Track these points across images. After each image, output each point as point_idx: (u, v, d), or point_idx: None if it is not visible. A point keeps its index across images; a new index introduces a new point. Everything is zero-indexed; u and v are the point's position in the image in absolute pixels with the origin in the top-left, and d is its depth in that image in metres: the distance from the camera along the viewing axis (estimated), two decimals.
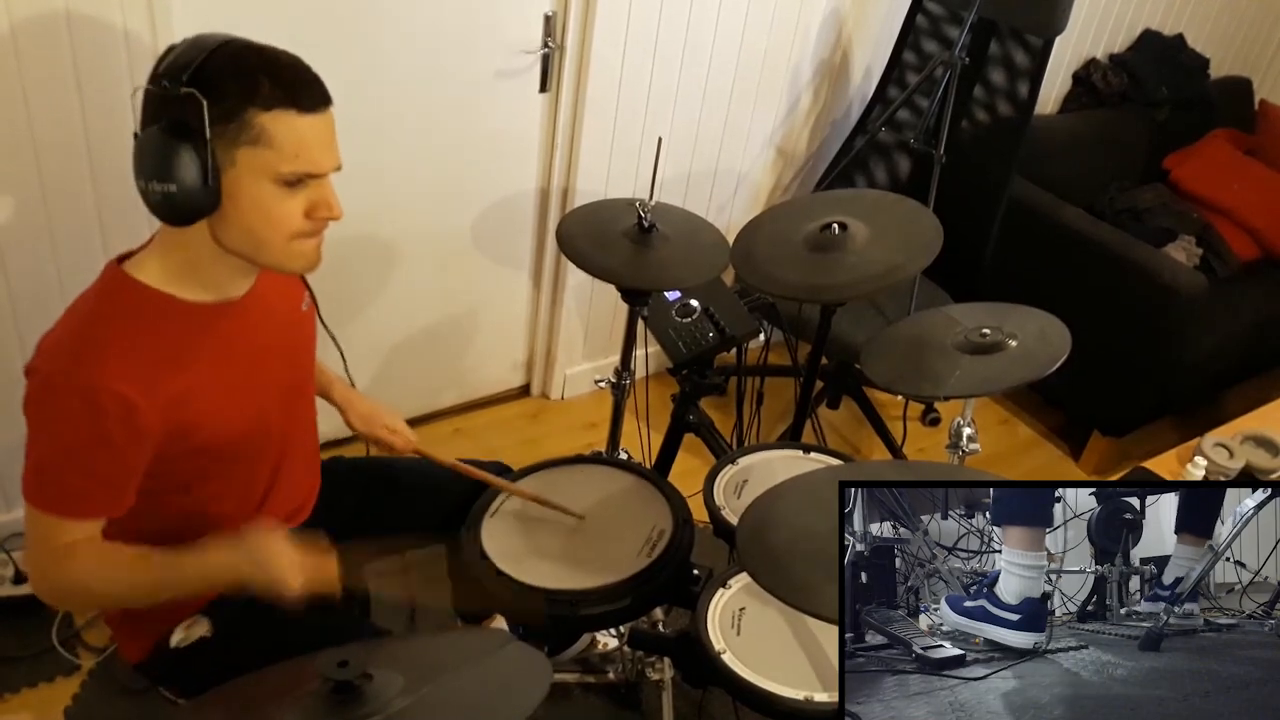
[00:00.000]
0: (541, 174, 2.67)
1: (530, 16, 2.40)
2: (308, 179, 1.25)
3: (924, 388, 1.80)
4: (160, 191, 1.18)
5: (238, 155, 1.20)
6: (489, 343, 2.92)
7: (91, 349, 1.22)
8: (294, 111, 1.21)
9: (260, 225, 1.25)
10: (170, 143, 1.17)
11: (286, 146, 1.21)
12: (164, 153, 1.17)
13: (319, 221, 1.30)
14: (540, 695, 1.02)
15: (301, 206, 1.27)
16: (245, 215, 1.24)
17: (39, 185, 1.91)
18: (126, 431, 1.23)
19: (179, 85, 1.17)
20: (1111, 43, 3.55)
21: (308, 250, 1.32)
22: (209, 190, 1.20)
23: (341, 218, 1.30)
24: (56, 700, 2.04)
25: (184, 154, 1.17)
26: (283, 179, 1.23)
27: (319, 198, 1.28)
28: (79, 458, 1.24)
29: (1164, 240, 3.26)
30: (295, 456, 1.57)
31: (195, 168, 1.18)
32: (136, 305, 1.27)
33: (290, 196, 1.25)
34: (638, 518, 1.66)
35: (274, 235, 1.27)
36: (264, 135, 1.20)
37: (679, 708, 2.07)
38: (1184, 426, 3.03)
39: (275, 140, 1.21)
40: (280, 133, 1.21)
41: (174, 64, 1.18)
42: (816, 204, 2.11)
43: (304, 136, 1.23)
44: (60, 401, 1.22)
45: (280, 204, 1.25)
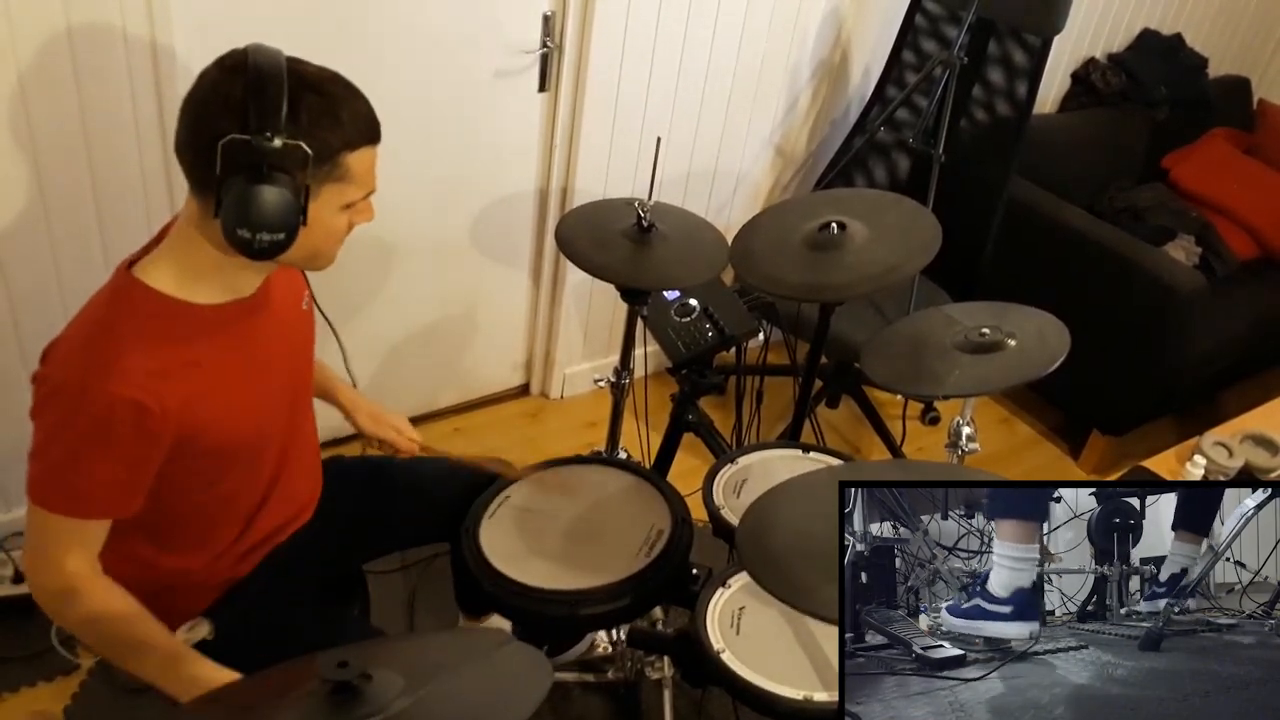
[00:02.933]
0: (541, 174, 2.67)
1: (529, 16, 2.39)
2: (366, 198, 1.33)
3: (923, 387, 1.80)
4: (269, 241, 1.21)
5: (323, 190, 1.26)
6: (488, 342, 2.92)
7: (105, 356, 1.22)
8: (370, 147, 1.29)
9: (322, 243, 1.32)
10: (277, 192, 1.19)
11: (363, 179, 1.30)
12: (272, 203, 1.19)
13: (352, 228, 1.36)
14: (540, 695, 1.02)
15: (349, 218, 1.33)
16: (313, 238, 1.28)
17: (38, 185, 1.91)
18: (139, 436, 1.24)
19: (279, 134, 1.18)
20: (1110, 42, 3.55)
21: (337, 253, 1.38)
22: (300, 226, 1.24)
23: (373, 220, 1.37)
24: (56, 700, 2.04)
25: (290, 201, 1.20)
26: (351, 203, 1.30)
27: (364, 207, 1.35)
28: (91, 461, 1.24)
29: (1163, 239, 3.26)
30: (297, 457, 1.57)
31: (297, 211, 1.22)
32: (149, 312, 1.28)
33: (346, 213, 1.32)
34: (637, 517, 1.66)
35: (329, 248, 1.34)
36: (349, 173, 1.27)
37: (679, 707, 2.07)
38: (1183, 426, 3.03)
39: (355, 175, 1.28)
40: (359, 168, 1.28)
41: (262, 108, 1.17)
42: (815, 203, 2.11)
43: (373, 166, 1.31)
44: (74, 408, 1.22)
45: (340, 221, 1.32)
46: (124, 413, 1.21)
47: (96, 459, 1.24)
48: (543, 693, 1.03)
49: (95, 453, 1.24)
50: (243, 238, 1.20)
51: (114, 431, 1.22)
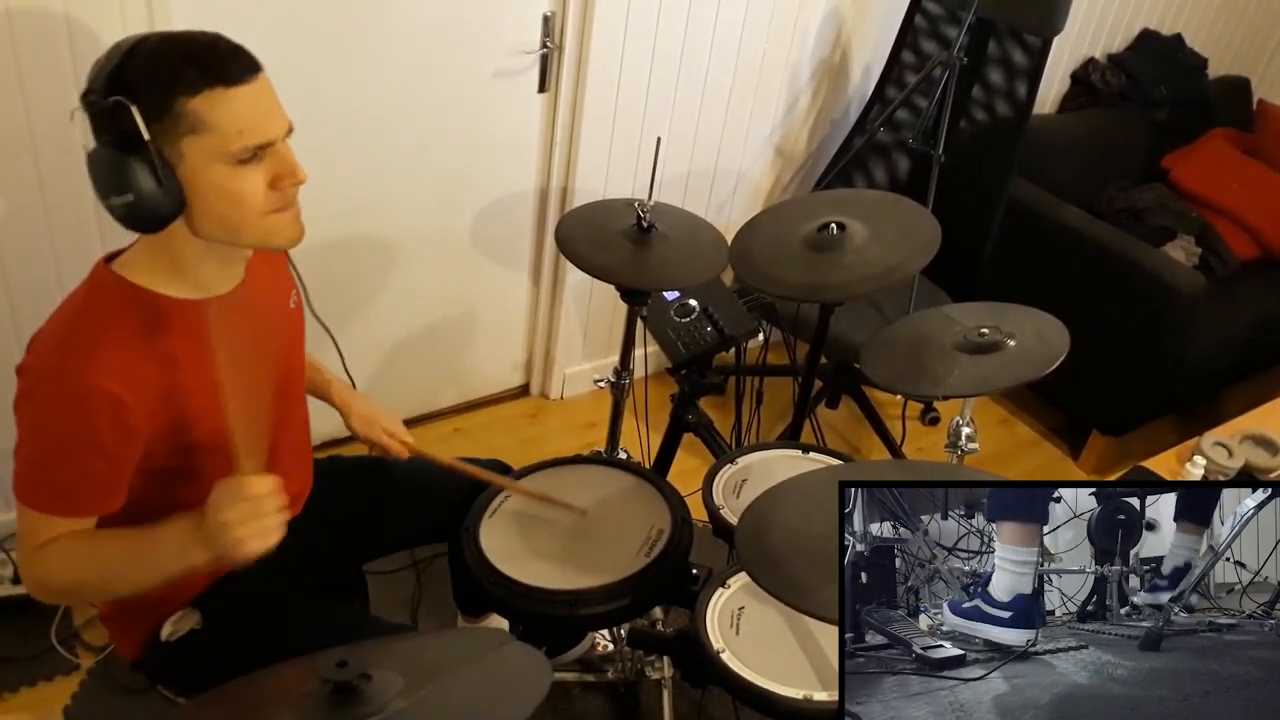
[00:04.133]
0: (540, 174, 2.67)
1: (529, 17, 2.39)
2: (260, 151, 1.22)
3: (923, 387, 1.80)
4: (121, 204, 1.17)
5: (183, 147, 1.18)
6: (488, 342, 2.92)
7: (81, 347, 1.22)
8: (221, 88, 1.18)
9: (229, 209, 1.23)
10: (114, 155, 1.16)
11: (227, 125, 1.18)
12: (112, 165, 1.17)
13: (286, 191, 1.26)
14: (540, 695, 1.02)
15: (264, 179, 1.24)
16: (212, 204, 1.22)
17: (37, 184, 1.91)
18: (116, 429, 1.23)
19: (104, 95, 1.16)
20: (1110, 42, 3.55)
21: (286, 223, 1.29)
22: (168, 190, 1.19)
23: (306, 180, 1.27)
24: (55, 699, 2.04)
25: (131, 162, 1.16)
26: (235, 158, 1.20)
27: (280, 167, 1.25)
28: (69, 456, 1.24)
29: (1163, 240, 3.26)
30: (284, 454, 1.56)
31: (146, 173, 1.17)
32: (125, 304, 1.27)
33: (250, 172, 1.22)
34: (637, 517, 1.66)
35: (246, 215, 1.24)
36: (200, 121, 1.17)
37: (678, 707, 2.07)
38: (1183, 426, 3.03)
39: (212, 122, 1.18)
40: (215, 114, 1.18)
41: (96, 75, 1.18)
42: (815, 204, 2.11)
43: (240, 111, 1.19)
44: (50, 399, 1.22)
45: (242, 182, 1.22)
46: (100, 404, 1.21)
47: (76, 454, 1.23)
48: (542, 692, 1.03)
49: (75, 447, 1.23)
50: (106, 206, 1.19)
51: (91, 423, 1.21)
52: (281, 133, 1.25)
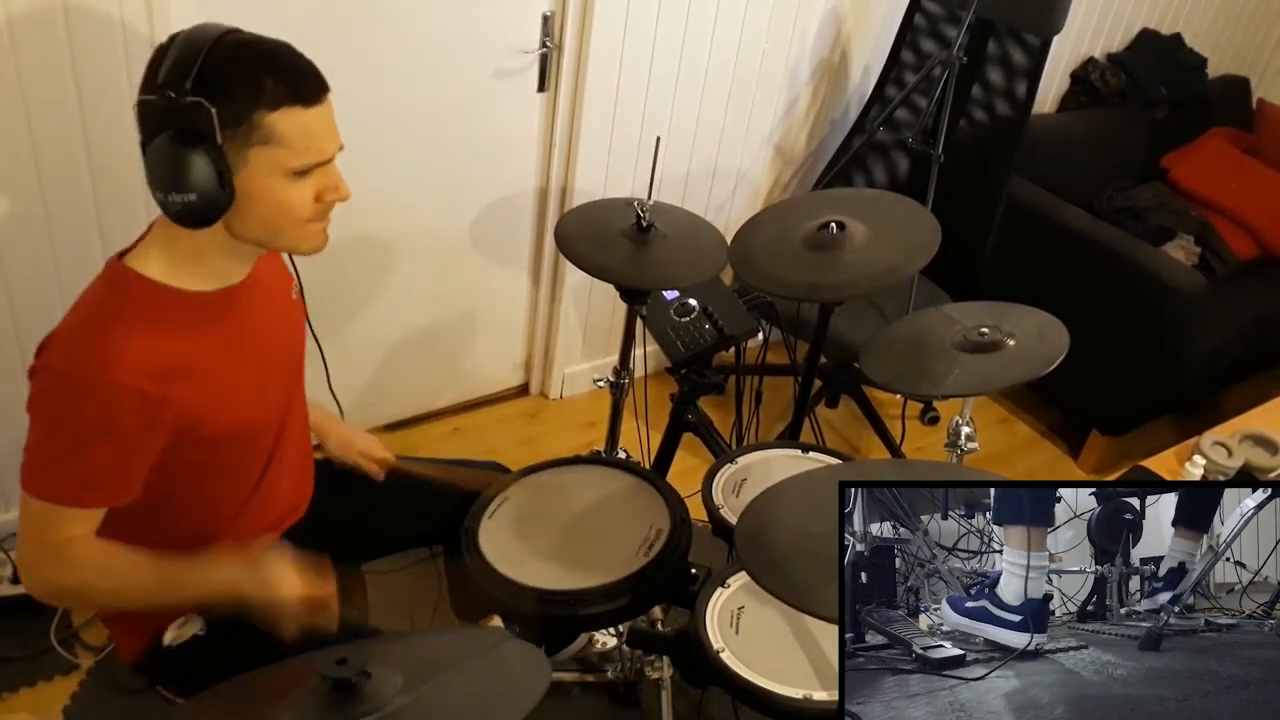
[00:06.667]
0: (540, 173, 2.67)
1: (528, 16, 2.39)
2: (316, 167, 1.28)
3: (923, 386, 1.80)
4: (180, 202, 1.20)
5: (249, 155, 1.22)
6: (488, 342, 2.92)
7: (104, 344, 1.23)
8: (300, 108, 1.23)
9: (276, 216, 1.28)
10: (183, 152, 1.18)
11: (296, 142, 1.24)
12: (179, 163, 1.18)
13: (328, 204, 1.33)
14: (539, 694, 1.02)
15: (311, 192, 1.29)
16: (261, 209, 1.26)
17: (37, 183, 1.90)
18: (140, 424, 1.24)
19: (184, 93, 1.17)
20: (1109, 42, 3.55)
21: (318, 232, 1.35)
22: (226, 194, 1.22)
23: (349, 198, 1.33)
24: (55, 700, 2.04)
25: (199, 162, 1.18)
26: (294, 172, 1.26)
27: (327, 182, 1.31)
28: (91, 450, 1.24)
29: (1163, 239, 3.26)
30: (290, 450, 1.56)
31: (211, 174, 1.19)
32: (143, 299, 1.28)
33: (302, 185, 1.28)
34: (636, 517, 1.66)
35: (289, 223, 1.30)
36: (273, 135, 1.22)
37: (678, 707, 2.07)
38: (1183, 425, 3.03)
39: (285, 138, 1.23)
40: (289, 130, 1.23)
41: (173, 70, 1.18)
42: (815, 203, 2.11)
43: (310, 129, 1.25)
44: (74, 397, 1.22)
45: (293, 193, 1.28)
46: (126, 399, 1.22)
47: (99, 448, 1.24)
48: (541, 691, 1.03)
49: (98, 442, 1.24)
50: (159, 200, 1.21)
51: (116, 418, 1.22)
52: (335, 152, 1.31)
